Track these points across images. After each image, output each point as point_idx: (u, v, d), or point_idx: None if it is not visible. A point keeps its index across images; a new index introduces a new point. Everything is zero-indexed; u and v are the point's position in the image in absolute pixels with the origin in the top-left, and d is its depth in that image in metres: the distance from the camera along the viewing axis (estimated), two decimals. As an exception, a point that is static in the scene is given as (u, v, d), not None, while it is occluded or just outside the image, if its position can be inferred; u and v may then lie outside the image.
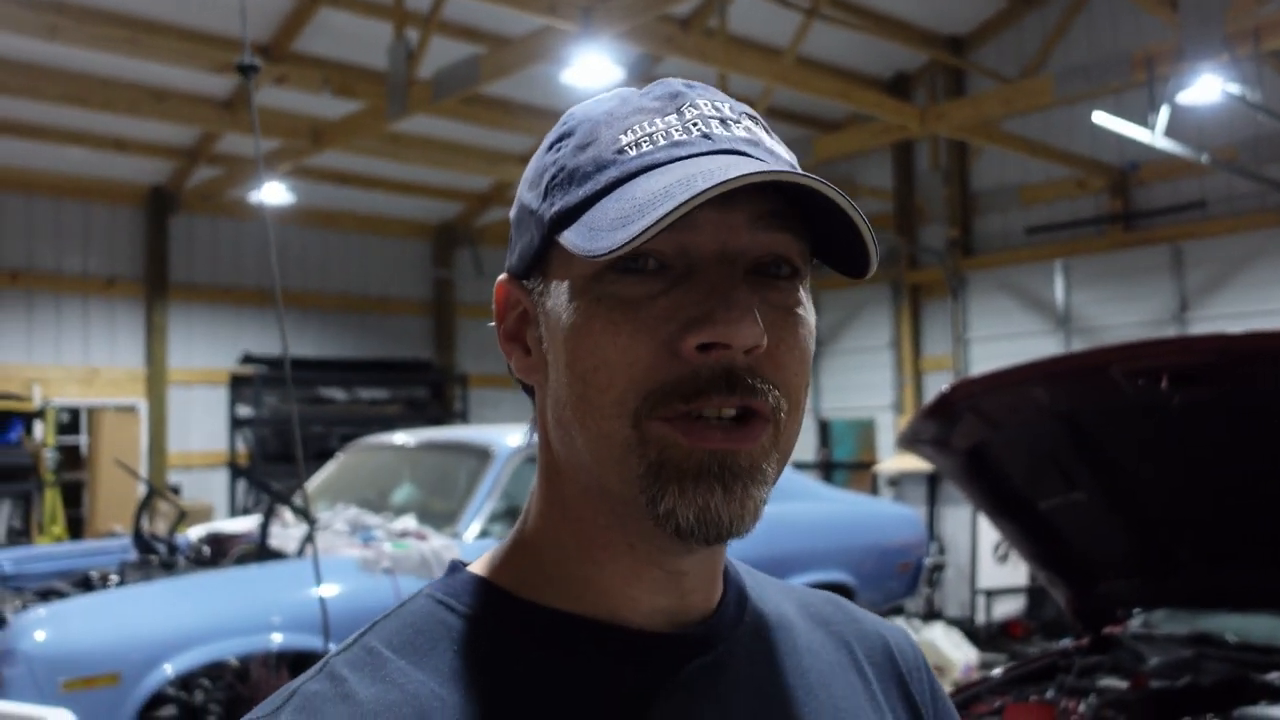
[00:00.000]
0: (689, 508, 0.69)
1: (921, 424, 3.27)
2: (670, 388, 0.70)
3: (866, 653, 0.89)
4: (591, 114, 0.78)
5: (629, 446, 0.70)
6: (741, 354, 0.70)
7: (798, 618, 0.88)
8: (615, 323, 0.70)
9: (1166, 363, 2.66)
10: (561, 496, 0.77)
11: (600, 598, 0.76)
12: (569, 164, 0.75)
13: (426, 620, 0.76)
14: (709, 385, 0.69)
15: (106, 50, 7.83)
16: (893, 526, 7.01)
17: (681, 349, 0.69)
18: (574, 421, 0.73)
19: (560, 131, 0.78)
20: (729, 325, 0.68)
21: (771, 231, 0.73)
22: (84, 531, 10.14)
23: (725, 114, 0.76)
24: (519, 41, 7.62)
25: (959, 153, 11.98)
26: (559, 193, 0.74)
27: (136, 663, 3.85)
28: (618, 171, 0.72)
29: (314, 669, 0.74)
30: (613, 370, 0.70)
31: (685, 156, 0.72)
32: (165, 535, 5.29)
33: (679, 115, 0.75)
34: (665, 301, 0.71)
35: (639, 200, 0.69)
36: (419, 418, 12.59)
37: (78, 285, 11.09)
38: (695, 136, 0.73)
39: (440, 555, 4.56)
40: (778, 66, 8.67)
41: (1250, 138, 9.80)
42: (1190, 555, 3.33)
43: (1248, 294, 9.97)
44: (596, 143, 0.74)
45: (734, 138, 0.74)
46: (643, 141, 0.73)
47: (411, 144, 10.25)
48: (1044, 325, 11.35)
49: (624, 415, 0.70)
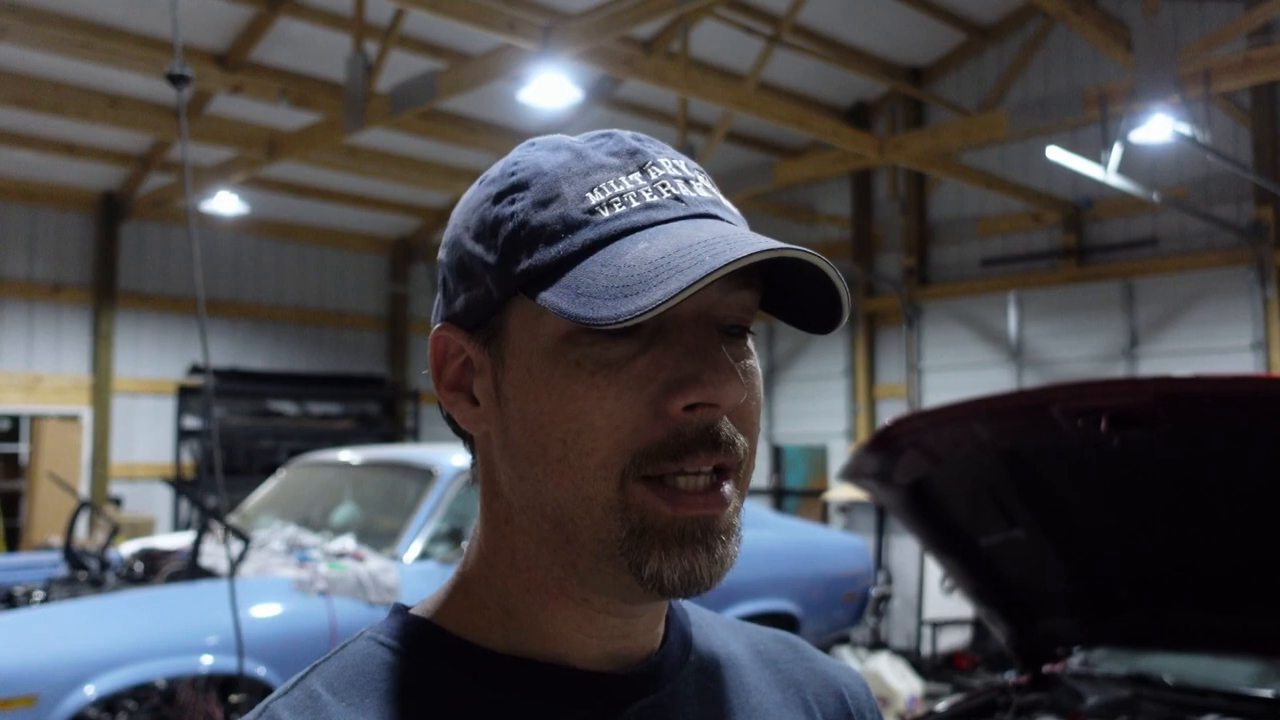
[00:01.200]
0: (674, 571, 0.70)
1: (863, 458, 3.24)
2: (656, 448, 0.70)
3: (816, 694, 0.88)
4: (544, 167, 0.75)
5: (610, 509, 0.70)
6: (721, 412, 0.71)
7: (745, 657, 0.87)
8: (598, 386, 0.70)
9: (1106, 404, 2.65)
10: (511, 546, 0.77)
11: (546, 642, 0.76)
12: (532, 221, 0.72)
13: (367, 662, 0.75)
14: (695, 444, 0.70)
15: (58, 53, 7.69)
16: (839, 555, 6.98)
17: (668, 409, 0.70)
18: (546, 480, 0.72)
19: (510, 183, 0.76)
20: (718, 387, 0.69)
21: (740, 290, 0.73)
22: (20, 543, 9.92)
23: (685, 173, 0.76)
24: (478, 58, 7.58)
25: (917, 183, 12.07)
26: (524, 251, 0.72)
27: (55, 683, 3.72)
28: (594, 233, 0.71)
29: (254, 712, 0.73)
30: (597, 434, 0.70)
31: (663, 221, 0.72)
32: (97, 550, 5.16)
33: (643, 174, 0.74)
34: (644, 361, 0.70)
35: (635, 270, 0.68)
36: (370, 433, 12.47)
37: (22, 289, 10.89)
38: (666, 198, 0.73)
39: (377, 577, 4.47)
40: (738, 92, 8.68)
41: (1200, 177, 9.94)
42: (1130, 594, 3.32)
43: (1197, 331, 10.10)
44: (560, 199, 0.73)
45: (701, 199, 0.75)
46: (614, 202, 0.72)
47: (369, 157, 10.17)
48: (997, 356, 11.43)
49: (610, 478, 0.70)
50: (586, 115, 10.71)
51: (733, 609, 5.76)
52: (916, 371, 11.93)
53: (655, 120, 10.88)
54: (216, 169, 10.03)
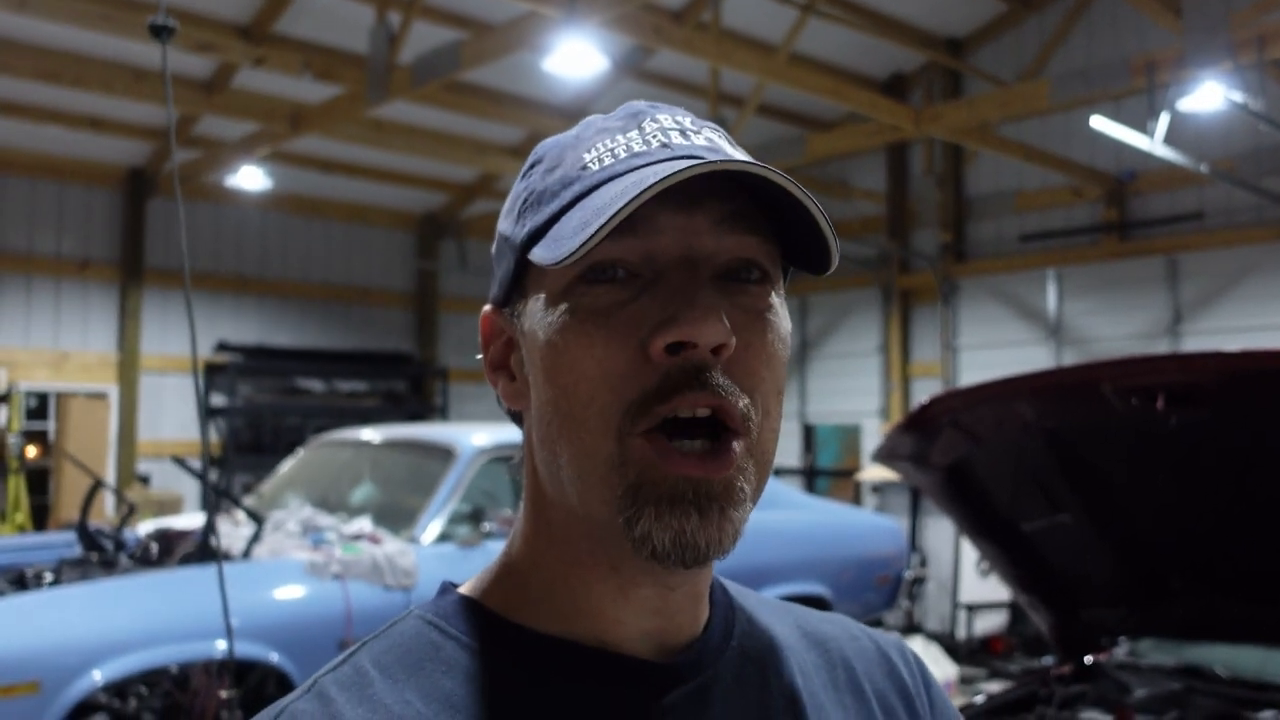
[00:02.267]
0: (664, 531, 0.69)
1: (899, 438, 3.08)
2: (649, 395, 0.70)
3: (866, 672, 0.88)
4: (560, 141, 0.80)
5: (610, 464, 0.71)
6: (709, 353, 0.70)
7: (791, 639, 0.87)
8: (588, 333, 0.71)
9: (1163, 381, 2.46)
10: (547, 520, 0.77)
11: (587, 620, 0.76)
12: (538, 187, 0.77)
13: (415, 641, 0.76)
14: (680, 383, 0.69)
15: (80, 25, 7.59)
16: (872, 537, 6.81)
17: (651, 352, 0.70)
18: (559, 438, 0.73)
19: (531, 161, 0.81)
20: (693, 324, 0.69)
21: (736, 234, 0.73)
22: (48, 520, 9.91)
23: (685, 126, 0.77)
24: (502, 27, 7.40)
25: (953, 157, 11.82)
26: (529, 214, 0.76)
27: (59, 669, 3.61)
28: (580, 186, 0.73)
29: (303, 686, 0.74)
30: (593, 382, 0.71)
31: (644, 165, 0.72)
32: (113, 530, 5.07)
33: (640, 131, 0.76)
34: (634, 307, 0.71)
35: (596, 206, 0.70)
36: (398, 411, 12.38)
37: (50, 267, 10.85)
38: (655, 146, 0.74)
39: (394, 560, 4.34)
40: (771, 63, 8.47)
41: (1249, 149, 9.63)
42: (1181, 584, 3.14)
43: (1243, 308, 9.81)
44: (562, 164, 0.76)
45: (693, 145, 0.75)
46: (604, 156, 0.75)
47: (396, 132, 10.03)
48: (1035, 335, 11.19)
49: (608, 430, 0.71)
50: (615, 88, 10.51)
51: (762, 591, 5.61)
52: (952, 350, 11.70)
53: (686, 93, 10.66)
54: (240, 143, 9.93)
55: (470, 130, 10.81)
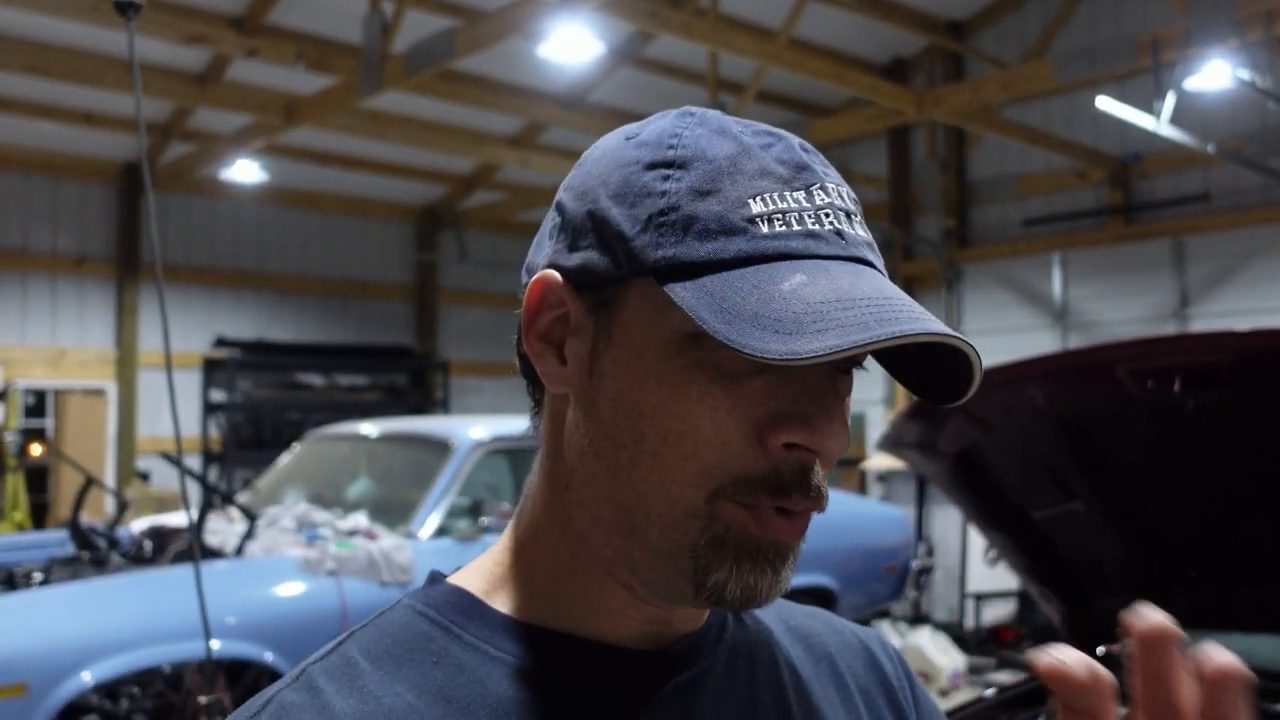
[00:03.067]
0: (738, 585, 0.69)
1: (905, 426, 2.98)
2: (757, 480, 0.69)
3: (849, 665, 0.88)
4: (708, 152, 0.71)
5: (692, 515, 0.69)
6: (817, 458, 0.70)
7: (778, 632, 0.86)
8: (713, 394, 0.68)
9: (1181, 362, 2.36)
10: (566, 511, 0.75)
11: (587, 615, 0.75)
12: (685, 208, 0.69)
13: (405, 631, 0.74)
14: (793, 485, 0.69)
15: (69, 18, 7.49)
16: (878, 527, 6.72)
17: (769, 440, 0.68)
18: (630, 468, 0.70)
19: (668, 156, 0.72)
20: (826, 437, 0.68)
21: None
22: (47, 518, 9.85)
23: (848, 205, 0.73)
24: (496, 13, 7.29)
25: (956, 141, 11.71)
26: (670, 237, 0.69)
27: (47, 671, 3.53)
28: (749, 246, 0.68)
29: (290, 675, 0.72)
30: (701, 442, 0.68)
31: (822, 256, 0.69)
32: (106, 528, 4.99)
33: (808, 195, 0.71)
34: (760, 381, 0.68)
35: (790, 306, 0.66)
36: (399, 405, 12.30)
37: (46, 263, 10.77)
38: (829, 231, 0.71)
39: (390, 556, 4.25)
40: (770, 47, 8.36)
41: (1256, 129, 9.51)
42: (1199, 573, 3.04)
43: (1251, 291, 9.70)
44: (719, 195, 0.70)
45: (859, 238, 0.72)
46: (774, 218, 0.69)
47: (392, 123, 9.93)
48: (1040, 320, 11.09)
49: (702, 488, 0.69)
50: (612, 76, 10.40)
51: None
52: (957, 336, 11.59)
53: (684, 80, 10.56)
54: (235, 136, 9.83)
55: (467, 120, 10.71)
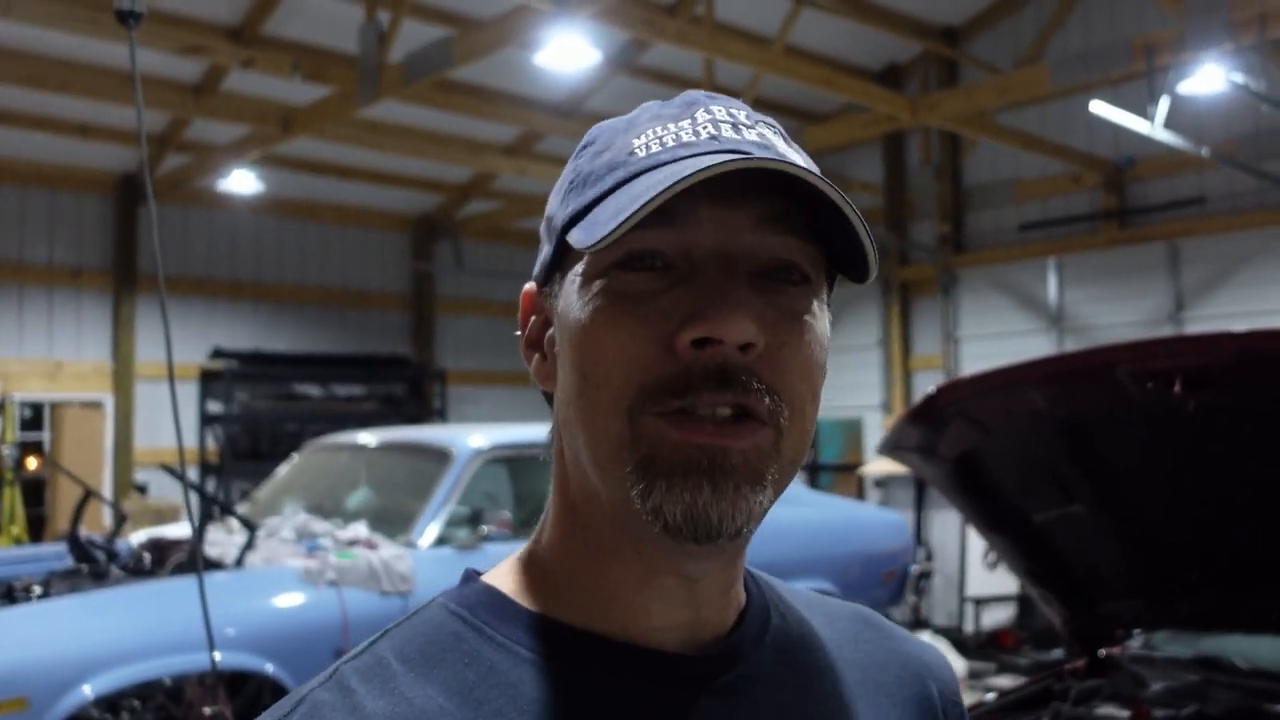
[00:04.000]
0: (676, 504, 0.68)
1: (905, 429, 2.99)
2: (664, 384, 0.69)
3: (896, 675, 0.86)
4: (614, 125, 0.79)
5: (621, 442, 0.70)
6: (736, 352, 0.68)
7: (824, 634, 0.85)
8: (616, 319, 0.70)
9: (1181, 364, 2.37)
10: (572, 502, 0.76)
11: (613, 609, 0.74)
12: (585, 169, 0.76)
13: (437, 631, 0.74)
14: (701, 381, 0.68)
15: (65, 29, 7.49)
16: (878, 532, 6.72)
17: (676, 345, 0.69)
18: (575, 419, 0.72)
19: (583, 142, 0.80)
20: (720, 321, 0.68)
21: (776, 234, 0.72)
22: (45, 531, 9.83)
23: (739, 119, 0.76)
24: (492, 23, 7.30)
25: (951, 147, 11.73)
26: (574, 196, 0.75)
27: (47, 685, 3.52)
28: (624, 172, 0.73)
29: (324, 675, 0.73)
30: (610, 366, 0.70)
31: (688, 156, 0.71)
32: (104, 540, 4.98)
33: (691, 120, 0.75)
34: (666, 298, 0.70)
35: (635, 193, 0.69)
36: (396, 415, 12.28)
37: (42, 276, 10.76)
38: (704, 138, 0.73)
39: (390, 566, 4.25)
40: (765, 54, 8.38)
41: (1250, 133, 9.54)
42: (1200, 576, 3.05)
43: (1246, 293, 9.71)
44: (612, 148, 0.76)
45: (743, 140, 0.73)
46: (652, 144, 0.74)
47: (389, 133, 9.94)
48: (1036, 324, 11.10)
49: (619, 411, 0.69)
50: (608, 85, 10.42)
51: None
52: (953, 341, 11.61)
53: (681, 87, 10.41)
54: (231, 147, 9.83)
55: (464, 130, 10.72)
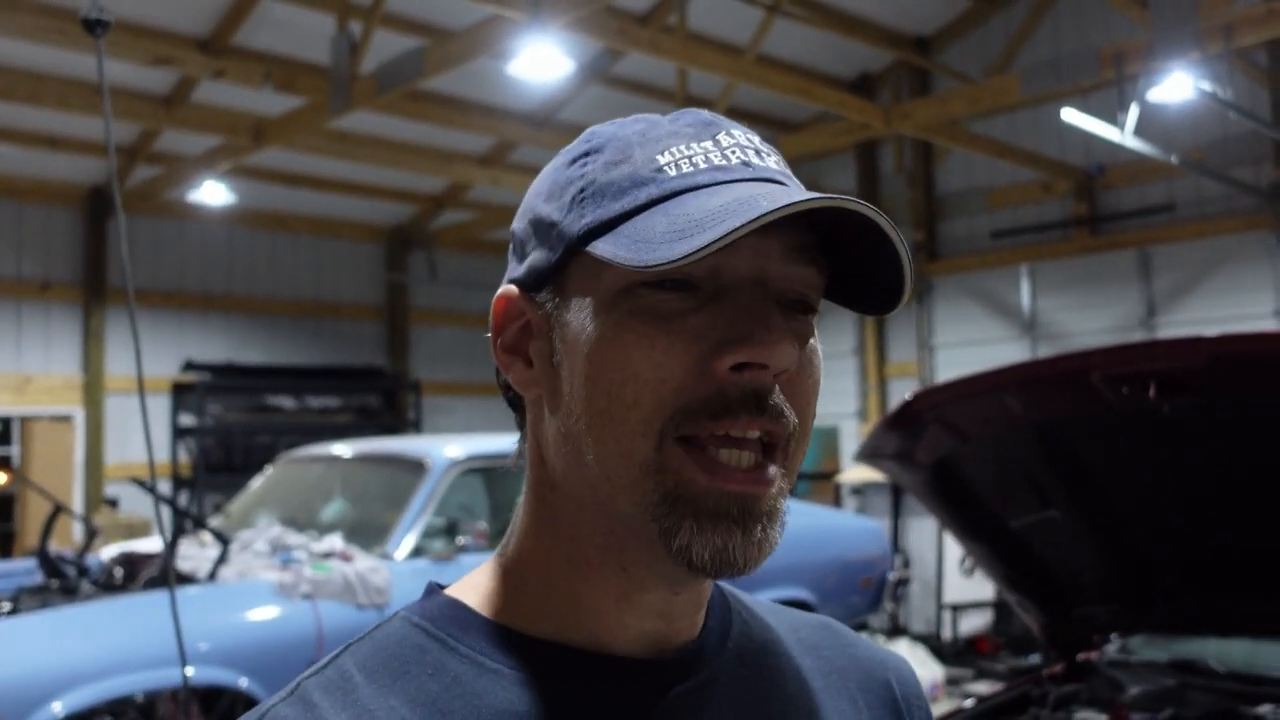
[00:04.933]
0: (705, 547, 0.68)
1: (883, 436, 2.99)
2: (698, 406, 0.69)
3: (859, 682, 0.87)
4: (620, 134, 0.77)
5: (646, 468, 0.69)
6: (771, 377, 0.70)
7: (786, 642, 0.85)
8: (649, 336, 0.69)
9: (1154, 368, 2.38)
10: (554, 513, 0.75)
11: (585, 620, 0.74)
12: (600, 179, 0.74)
13: (400, 644, 0.74)
14: (738, 406, 0.69)
15: (34, 41, 7.42)
16: (855, 540, 6.74)
17: (714, 367, 0.69)
18: (588, 436, 0.71)
19: (585, 148, 0.78)
20: (768, 347, 0.68)
21: (802, 265, 0.73)
22: (14, 547, 9.70)
23: (757, 145, 0.77)
24: (465, 33, 7.29)
25: (924, 155, 11.81)
26: (590, 206, 0.73)
27: (16, 703, 3.47)
28: (658, 189, 0.72)
29: (286, 690, 0.72)
30: (642, 385, 0.69)
31: (729, 181, 0.72)
32: (75, 555, 4.92)
33: (715, 142, 0.75)
34: (698, 318, 0.70)
35: (694, 217, 0.68)
36: (371, 426, 12.22)
37: (11, 288, 10.64)
38: (735, 163, 0.73)
39: (365, 578, 4.21)
40: (738, 64, 8.40)
41: (1218, 140, 9.64)
42: (1176, 579, 3.06)
43: (1216, 299, 9.81)
44: (630, 160, 0.74)
45: (770, 168, 0.75)
46: (682, 163, 0.73)
47: (361, 143, 9.89)
48: (1010, 331, 11.17)
49: (649, 434, 0.69)
50: (582, 94, 10.42)
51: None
52: (928, 349, 11.67)
53: (653, 98, 10.59)
54: (202, 158, 9.76)
55: (437, 140, 10.69)
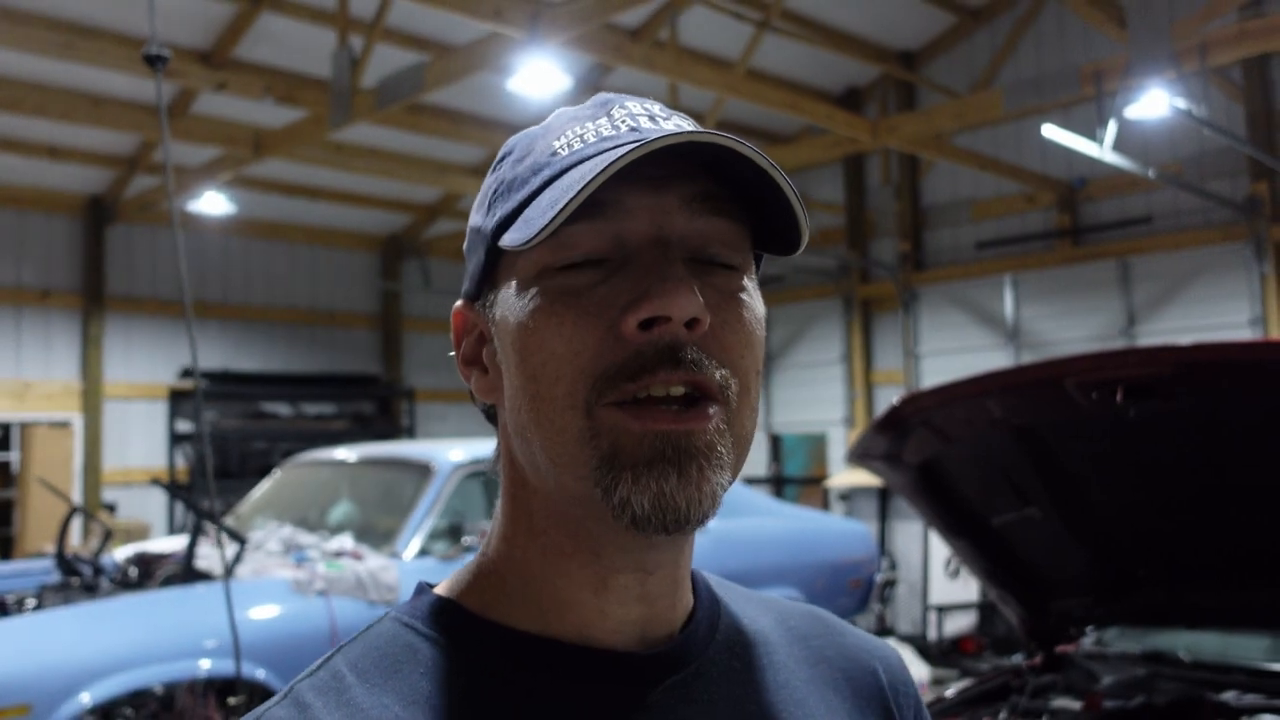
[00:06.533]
0: (644, 494, 0.68)
1: (872, 439, 3.17)
2: (615, 370, 0.69)
3: (846, 670, 0.87)
4: (530, 132, 0.80)
5: (582, 438, 0.69)
6: (683, 329, 0.69)
7: (775, 633, 0.86)
8: (558, 314, 0.70)
9: (1122, 375, 2.57)
10: (528, 511, 0.76)
11: (568, 614, 0.75)
12: (508, 176, 0.77)
13: (391, 644, 0.75)
14: (653, 362, 0.69)
15: (40, 53, 7.58)
16: (843, 542, 6.91)
17: (623, 330, 0.69)
18: (530, 423, 0.72)
19: (501, 153, 0.81)
20: (665, 297, 0.68)
21: (706, 215, 0.73)
22: (13, 551, 9.82)
23: (655, 112, 0.77)
24: (464, 48, 7.48)
25: (910, 167, 12.01)
26: (499, 203, 0.76)
27: (49, 692, 3.64)
28: (550, 171, 0.73)
29: (280, 694, 0.73)
30: (560, 361, 0.70)
31: (614, 147, 0.72)
32: (91, 556, 5.07)
33: (609, 117, 0.76)
34: (605, 288, 0.71)
35: (565, 186, 0.70)
36: (365, 432, 12.37)
37: (10, 296, 10.77)
38: (624, 130, 0.74)
39: (376, 576, 4.39)
40: (728, 78, 8.60)
41: (1195, 154, 9.88)
42: (1146, 573, 3.25)
43: (1194, 309, 10.04)
44: (533, 152, 0.76)
45: (662, 129, 0.74)
46: (574, 142, 0.74)
47: (357, 154, 10.06)
48: (994, 339, 11.37)
49: (575, 406, 0.69)
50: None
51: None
52: (914, 357, 11.87)
53: (645, 110, 10.78)
54: (203, 169, 9.92)
55: (432, 151, 10.86)
